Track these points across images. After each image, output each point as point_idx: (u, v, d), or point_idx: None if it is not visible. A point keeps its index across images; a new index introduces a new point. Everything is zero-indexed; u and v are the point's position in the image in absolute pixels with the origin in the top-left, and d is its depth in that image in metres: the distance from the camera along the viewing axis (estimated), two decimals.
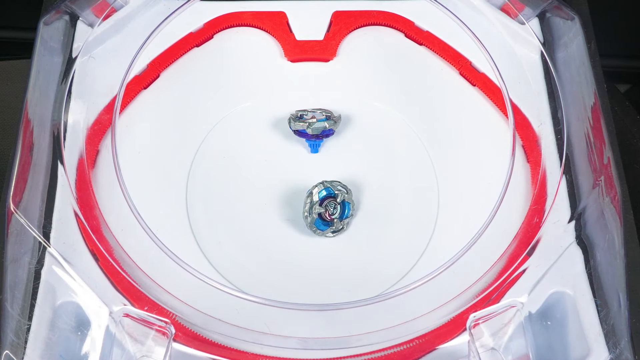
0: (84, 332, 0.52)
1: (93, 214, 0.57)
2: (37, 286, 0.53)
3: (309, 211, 0.58)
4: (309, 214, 0.58)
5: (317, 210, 0.58)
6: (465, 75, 0.67)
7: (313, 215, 0.58)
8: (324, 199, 0.58)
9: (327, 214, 0.58)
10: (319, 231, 0.58)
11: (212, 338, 0.54)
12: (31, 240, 0.55)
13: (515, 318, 0.54)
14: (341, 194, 0.59)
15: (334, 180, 0.59)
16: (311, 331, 0.54)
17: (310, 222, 0.58)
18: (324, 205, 0.58)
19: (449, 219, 0.60)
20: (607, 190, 0.57)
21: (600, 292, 0.54)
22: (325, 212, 0.58)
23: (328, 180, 0.59)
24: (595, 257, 0.56)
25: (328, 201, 0.58)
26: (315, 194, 0.58)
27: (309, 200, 0.58)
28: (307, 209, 0.58)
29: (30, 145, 0.59)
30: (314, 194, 0.58)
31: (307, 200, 0.58)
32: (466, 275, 0.55)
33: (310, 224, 0.58)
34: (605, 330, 0.53)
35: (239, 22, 0.69)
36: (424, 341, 0.54)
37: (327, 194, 0.59)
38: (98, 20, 0.65)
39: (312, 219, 0.58)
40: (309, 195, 0.58)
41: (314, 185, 0.59)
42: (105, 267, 0.55)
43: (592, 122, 0.61)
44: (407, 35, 0.69)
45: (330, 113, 0.62)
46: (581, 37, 0.64)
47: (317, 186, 0.59)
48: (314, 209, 0.58)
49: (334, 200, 0.58)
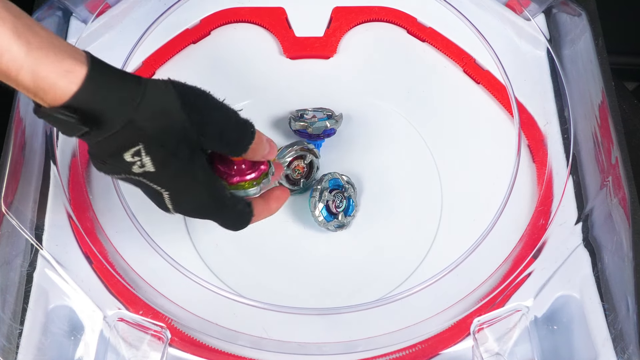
0: (77, 337, 0.52)
1: (87, 215, 0.57)
2: (29, 290, 0.54)
3: (319, 196, 0.58)
4: (319, 199, 0.58)
5: (327, 197, 0.58)
6: (469, 73, 0.67)
7: (322, 195, 0.58)
8: (332, 189, 0.59)
9: (334, 206, 0.58)
10: (324, 221, 0.58)
11: (209, 343, 0.54)
12: (23, 242, 0.55)
13: (520, 322, 0.54)
14: (348, 189, 0.59)
15: (343, 174, 0.60)
16: (311, 336, 0.54)
17: (314, 203, 0.58)
18: (333, 194, 0.58)
19: (453, 221, 0.60)
20: (615, 191, 0.57)
21: (608, 295, 0.54)
22: (332, 203, 0.58)
23: (339, 172, 0.60)
24: (602, 259, 0.56)
25: (336, 192, 0.59)
26: (327, 180, 0.58)
27: (320, 186, 0.58)
28: (317, 195, 0.58)
29: (22, 144, 0.59)
30: (325, 181, 0.58)
31: (316, 185, 0.59)
32: (470, 279, 0.55)
33: (314, 204, 0.58)
34: (613, 334, 0.53)
35: (237, 18, 0.69)
36: (426, 346, 0.54)
37: (336, 185, 0.59)
38: (92, 16, 0.65)
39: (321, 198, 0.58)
40: (320, 181, 0.59)
41: (324, 173, 0.59)
42: (99, 270, 0.55)
43: (599, 121, 0.61)
44: (410, 31, 0.69)
45: (331, 112, 0.62)
46: (588, 34, 0.65)
47: (328, 174, 0.59)
48: (324, 195, 0.58)
49: (342, 194, 0.59)
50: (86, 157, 0.60)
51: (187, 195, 0.46)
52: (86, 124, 0.40)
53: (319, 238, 0.59)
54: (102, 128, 0.41)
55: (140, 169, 0.43)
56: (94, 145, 0.42)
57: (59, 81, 0.39)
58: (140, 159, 0.43)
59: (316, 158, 0.60)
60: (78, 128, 0.41)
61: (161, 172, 0.44)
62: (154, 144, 0.43)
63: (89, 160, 0.60)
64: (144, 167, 0.43)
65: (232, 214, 0.49)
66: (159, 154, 0.43)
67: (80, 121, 0.40)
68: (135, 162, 0.43)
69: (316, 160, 0.60)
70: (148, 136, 0.42)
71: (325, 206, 0.58)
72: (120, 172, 0.44)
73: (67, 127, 0.41)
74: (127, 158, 0.43)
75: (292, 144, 0.60)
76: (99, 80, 0.41)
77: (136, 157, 0.43)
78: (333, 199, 0.58)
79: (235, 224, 0.50)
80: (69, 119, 0.40)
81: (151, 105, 0.42)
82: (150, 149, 0.43)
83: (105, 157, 0.43)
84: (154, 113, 0.42)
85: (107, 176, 0.56)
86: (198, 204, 0.47)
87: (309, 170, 0.60)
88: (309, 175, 0.60)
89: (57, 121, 0.40)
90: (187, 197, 0.46)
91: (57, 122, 0.40)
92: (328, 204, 0.58)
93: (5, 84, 0.40)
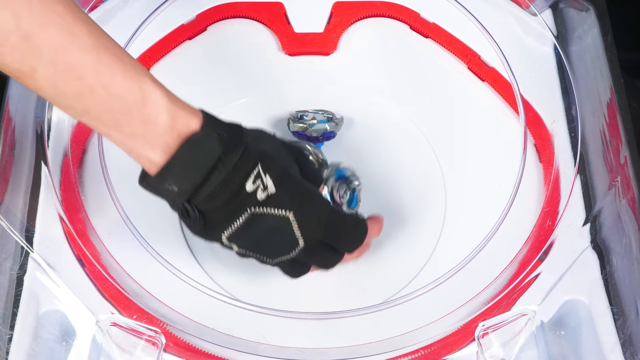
0: (69, 342, 0.53)
1: (79, 217, 0.57)
2: (20, 293, 0.54)
3: (325, 182, 0.58)
4: (326, 182, 0.58)
5: (332, 184, 0.58)
6: (473, 70, 0.67)
7: (328, 181, 0.58)
8: (338, 179, 0.59)
9: (338, 196, 0.58)
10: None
11: (205, 348, 0.54)
12: (13, 244, 0.55)
13: (526, 327, 0.54)
14: (354, 182, 0.59)
15: (349, 167, 0.60)
16: (310, 341, 0.54)
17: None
18: (338, 183, 0.58)
19: (457, 222, 0.60)
20: (624, 191, 0.57)
21: (617, 299, 0.54)
22: (337, 193, 0.58)
23: (345, 164, 0.60)
24: (611, 262, 0.56)
25: (340, 182, 0.59)
26: (333, 169, 0.59)
27: (326, 171, 0.59)
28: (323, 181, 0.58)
29: (12, 144, 0.59)
30: (331, 169, 0.59)
31: (322, 170, 0.59)
32: (475, 282, 0.56)
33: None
34: (622, 340, 0.53)
35: (234, 13, 0.69)
36: (429, 352, 0.54)
37: (342, 175, 0.59)
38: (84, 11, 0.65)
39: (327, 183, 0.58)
40: (326, 167, 0.59)
41: (331, 163, 0.60)
42: (91, 273, 0.55)
43: (608, 119, 0.61)
44: (412, 27, 0.69)
45: (332, 115, 0.62)
46: (596, 29, 0.65)
47: (334, 165, 0.59)
48: (330, 181, 0.58)
49: (346, 185, 0.59)
50: (78, 157, 0.60)
51: (312, 211, 0.48)
52: (224, 146, 0.44)
53: None
54: (232, 153, 0.44)
55: (263, 193, 0.45)
56: (211, 201, 0.45)
57: (193, 119, 0.45)
58: (262, 180, 0.45)
59: (318, 163, 0.60)
60: (215, 154, 0.44)
61: (281, 190, 0.46)
62: (268, 159, 0.46)
63: (80, 161, 0.60)
64: (266, 189, 0.45)
65: (354, 225, 0.52)
66: (276, 169, 0.46)
67: (221, 142, 0.44)
68: (258, 187, 0.45)
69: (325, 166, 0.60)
70: (262, 153, 0.46)
71: (330, 193, 0.58)
72: (242, 211, 0.45)
73: (204, 155, 0.44)
74: (249, 187, 0.45)
75: (299, 142, 0.60)
76: (211, 116, 0.47)
77: (257, 180, 0.45)
78: (338, 188, 0.58)
79: (354, 240, 0.52)
80: (213, 139, 0.44)
81: (254, 132, 0.48)
82: (267, 165, 0.45)
83: (229, 199, 0.45)
84: (258, 136, 0.48)
85: (99, 177, 0.56)
86: (325, 218, 0.49)
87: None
88: None
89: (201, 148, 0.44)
90: (311, 214, 0.48)
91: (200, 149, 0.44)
92: (332, 192, 0.58)
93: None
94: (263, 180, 0.45)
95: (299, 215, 0.47)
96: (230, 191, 0.45)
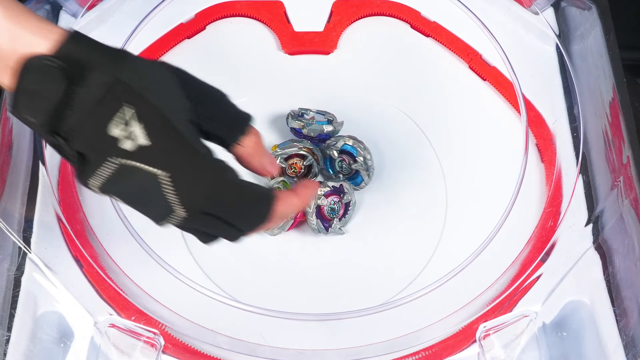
0: (67, 344, 0.53)
1: (77, 217, 0.58)
2: (17, 295, 0.54)
3: (327, 147, 0.58)
4: (329, 150, 0.59)
5: (332, 154, 0.59)
6: (475, 69, 0.67)
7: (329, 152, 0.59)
8: (344, 151, 0.59)
9: (337, 168, 0.59)
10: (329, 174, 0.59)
11: (204, 350, 0.54)
12: (10, 245, 0.55)
13: (528, 328, 0.54)
14: (361, 162, 0.59)
15: (361, 144, 0.59)
16: (310, 342, 0.54)
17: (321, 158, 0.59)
18: (339, 156, 0.59)
19: (458, 223, 0.60)
20: (627, 191, 0.57)
21: (619, 300, 0.54)
22: (341, 163, 0.59)
23: (359, 139, 0.60)
24: (613, 263, 0.56)
25: (344, 155, 0.59)
26: (341, 140, 0.59)
27: (333, 141, 0.59)
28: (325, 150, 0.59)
29: (9, 144, 0.59)
30: (339, 141, 0.59)
31: (330, 141, 0.60)
32: (476, 283, 0.56)
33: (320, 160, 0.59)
34: (624, 341, 0.53)
35: (233, 12, 0.69)
36: (430, 353, 0.54)
37: (350, 150, 0.59)
38: (82, 9, 0.65)
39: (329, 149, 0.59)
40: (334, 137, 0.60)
41: (349, 135, 0.60)
42: (89, 274, 0.55)
43: (610, 119, 0.61)
44: (413, 26, 0.69)
45: (333, 117, 0.62)
46: (599, 28, 0.65)
47: (346, 137, 0.59)
48: (331, 150, 0.58)
49: (352, 159, 0.59)
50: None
51: (194, 175, 0.40)
52: (68, 78, 0.38)
53: (319, 239, 0.59)
54: (83, 85, 0.37)
55: (131, 145, 0.38)
56: (75, 140, 0.38)
57: (39, 40, 0.38)
58: (130, 128, 0.38)
59: (317, 164, 0.60)
60: (58, 86, 0.37)
61: (157, 146, 0.39)
62: (145, 107, 0.38)
63: None
64: (135, 139, 0.38)
65: (252, 200, 0.43)
66: (154, 117, 0.38)
67: (64, 74, 0.38)
68: (124, 135, 0.38)
69: (316, 166, 0.60)
70: (136, 96, 0.38)
71: (328, 160, 0.58)
72: (106, 158, 0.38)
73: (47, 86, 0.38)
74: (114, 132, 0.38)
75: (299, 141, 0.61)
76: (82, 38, 0.40)
77: (125, 127, 0.38)
78: (340, 164, 0.58)
79: (251, 217, 0.44)
80: (52, 70, 0.38)
81: (139, 64, 0.39)
82: (141, 113, 0.38)
83: (91, 142, 0.38)
84: (142, 72, 0.39)
85: None
86: (210, 186, 0.41)
87: (306, 173, 0.60)
88: (304, 178, 0.60)
89: (35, 81, 0.38)
90: (194, 179, 0.40)
91: (35, 82, 0.38)
92: (332, 161, 0.59)
93: None
94: (132, 129, 0.38)
95: (175, 178, 0.40)
96: (91, 132, 0.38)
